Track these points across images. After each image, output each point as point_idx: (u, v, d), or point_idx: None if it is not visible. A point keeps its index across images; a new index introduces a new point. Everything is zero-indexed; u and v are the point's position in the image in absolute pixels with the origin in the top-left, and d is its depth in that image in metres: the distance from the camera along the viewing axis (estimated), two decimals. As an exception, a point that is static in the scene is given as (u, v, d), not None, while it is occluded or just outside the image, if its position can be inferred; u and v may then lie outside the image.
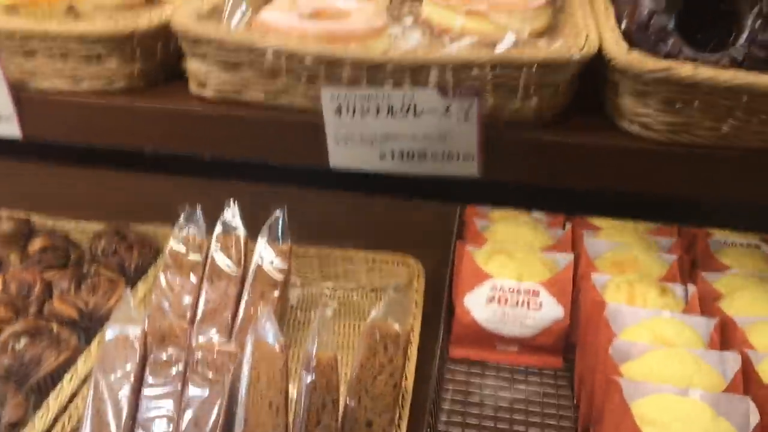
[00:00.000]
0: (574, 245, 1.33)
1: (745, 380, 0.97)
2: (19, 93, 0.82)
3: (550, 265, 1.28)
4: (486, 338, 1.24)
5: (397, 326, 1.03)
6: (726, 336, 1.07)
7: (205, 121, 0.81)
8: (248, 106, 0.80)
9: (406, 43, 0.89)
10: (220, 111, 0.80)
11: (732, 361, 0.99)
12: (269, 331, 1.01)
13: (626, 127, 0.72)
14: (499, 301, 1.23)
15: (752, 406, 0.91)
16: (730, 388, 0.96)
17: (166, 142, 0.82)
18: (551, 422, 1.13)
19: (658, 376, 0.98)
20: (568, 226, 1.38)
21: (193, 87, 0.82)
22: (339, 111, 0.76)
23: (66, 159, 0.89)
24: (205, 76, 0.81)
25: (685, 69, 0.65)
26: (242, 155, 0.82)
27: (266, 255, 1.20)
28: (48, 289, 1.24)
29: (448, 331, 1.27)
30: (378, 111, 0.75)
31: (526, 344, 1.24)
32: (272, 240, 1.21)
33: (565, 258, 1.28)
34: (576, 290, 1.24)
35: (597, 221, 1.42)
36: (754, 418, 0.89)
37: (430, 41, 0.91)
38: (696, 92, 0.67)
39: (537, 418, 1.14)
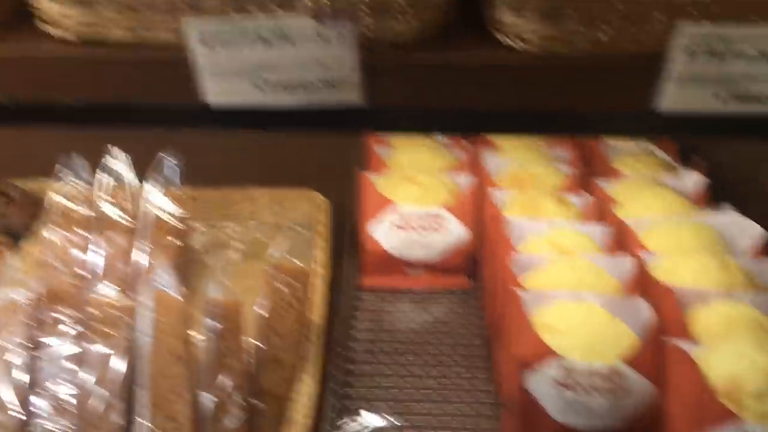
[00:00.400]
0: (475, 165, 1.34)
1: (640, 282, 1.01)
2: None
3: (452, 187, 1.28)
4: (395, 265, 1.25)
5: (299, 263, 1.01)
6: (621, 241, 1.11)
7: (66, 66, 0.74)
8: (112, 45, 0.74)
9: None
10: (80, 53, 0.74)
11: (626, 264, 1.03)
12: (168, 281, 0.98)
13: (505, 41, 0.71)
14: (404, 227, 1.23)
15: (646, 305, 0.94)
16: (625, 291, 1.00)
17: (28, 90, 0.75)
18: (463, 341, 1.16)
19: (556, 284, 1.01)
20: (468, 145, 1.38)
21: (49, 28, 0.75)
22: (206, 44, 0.71)
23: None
24: (59, 15, 0.74)
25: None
26: (114, 99, 0.76)
27: (159, 202, 1.15)
28: (-74, 257, 1.15)
29: (356, 262, 1.26)
30: (250, 41, 0.71)
31: (434, 267, 1.25)
32: (164, 185, 1.16)
33: (467, 178, 1.29)
34: (479, 209, 1.25)
35: (496, 139, 1.43)
36: (649, 316, 0.93)
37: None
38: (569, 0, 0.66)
39: (449, 338, 1.16)
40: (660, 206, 1.17)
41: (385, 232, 1.23)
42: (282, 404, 0.95)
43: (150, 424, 0.90)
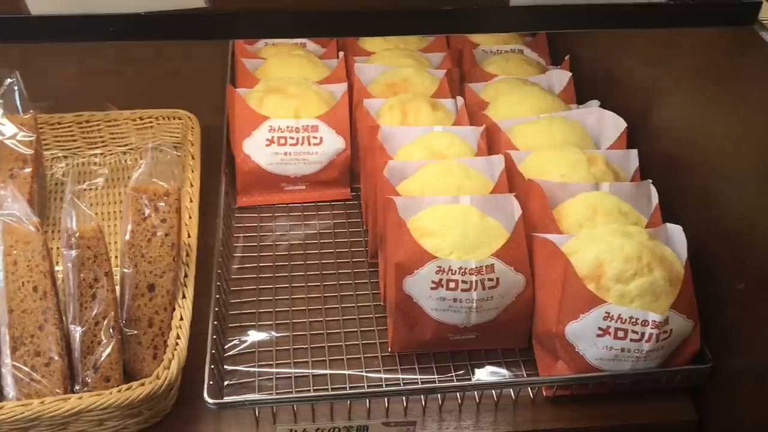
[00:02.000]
0: (348, 74, 1.30)
1: (509, 179, 1.03)
2: None
3: (326, 97, 1.25)
4: (272, 181, 1.21)
5: (164, 184, 0.96)
6: (492, 141, 1.12)
7: None
8: None
9: None
10: None
11: (497, 163, 1.04)
12: (20, 212, 0.91)
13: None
14: (278, 141, 1.19)
15: (515, 202, 0.96)
16: (495, 189, 1.01)
17: None
18: (344, 250, 1.15)
19: (431, 189, 1.01)
20: (341, 55, 1.34)
21: None
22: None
23: None
24: None
25: None
26: None
27: (6, 128, 1.06)
28: None
29: (231, 181, 1.22)
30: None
31: (312, 180, 1.22)
32: (10, 111, 1.07)
33: (340, 88, 1.25)
34: (354, 119, 1.23)
35: (369, 46, 1.39)
36: (518, 212, 0.95)
37: None
38: None
39: (330, 248, 1.16)
40: (529, 105, 1.18)
41: (259, 149, 1.19)
42: (158, 330, 0.92)
43: (16, 363, 0.85)
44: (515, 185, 1.02)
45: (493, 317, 0.94)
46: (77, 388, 0.88)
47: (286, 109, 1.21)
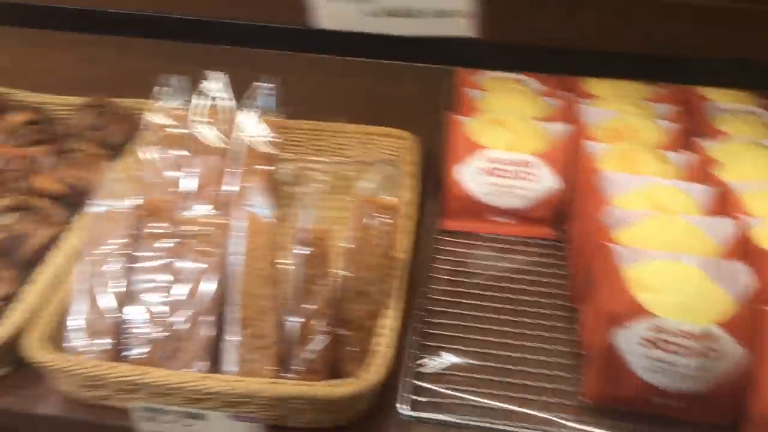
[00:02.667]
0: (570, 114, 1.30)
1: (740, 245, 0.97)
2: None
3: (545, 135, 1.25)
4: (479, 210, 1.23)
5: (390, 198, 1.01)
6: (722, 202, 1.06)
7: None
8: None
9: None
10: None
11: (727, 226, 0.99)
12: (261, 204, 1.00)
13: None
14: (492, 172, 1.21)
15: (745, 269, 0.91)
16: (724, 254, 0.96)
17: (142, 1, 0.76)
18: (544, 290, 1.14)
19: (651, 242, 0.98)
20: (564, 95, 1.34)
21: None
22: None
23: (51, 23, 0.83)
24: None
25: None
26: (221, 15, 0.77)
27: (255, 127, 1.17)
28: (31, 165, 1.20)
29: (441, 204, 1.26)
30: (368, -36, 0.69)
31: (520, 215, 1.23)
32: (261, 111, 1.17)
33: (561, 127, 1.25)
34: (572, 160, 1.22)
35: (594, 89, 1.38)
36: (748, 281, 0.90)
37: None
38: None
39: (529, 286, 1.15)
40: (765, 170, 1.11)
41: (472, 177, 1.22)
42: (365, 335, 0.97)
43: (238, 339, 0.93)
44: (745, 253, 0.96)
45: (705, 388, 0.89)
46: (287, 375, 0.94)
47: (505, 141, 1.23)
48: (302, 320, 0.94)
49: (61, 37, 0.86)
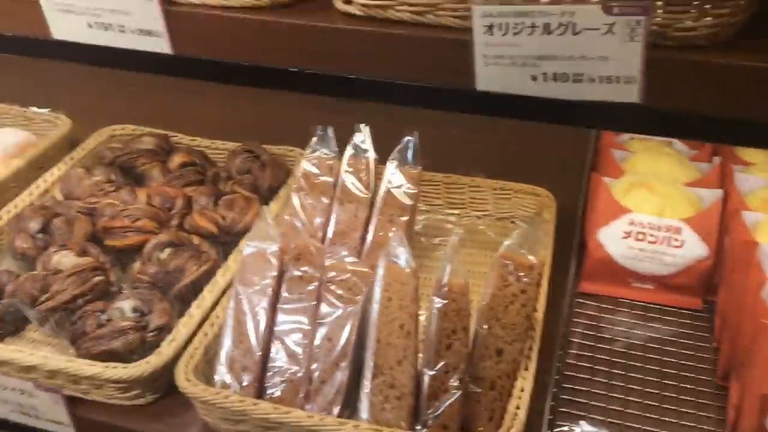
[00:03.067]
0: (722, 181, 1.24)
1: None
2: (169, 8, 0.83)
3: (694, 200, 1.20)
4: (620, 274, 1.20)
5: (531, 257, 1.00)
6: None
7: (349, 38, 0.79)
8: (394, 23, 0.78)
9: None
10: (366, 28, 0.78)
11: None
12: (401, 254, 1.01)
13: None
14: (636, 236, 1.18)
15: None
16: None
17: (311, 59, 0.81)
18: (688, 363, 1.09)
19: (816, 324, 0.91)
20: (716, 159, 1.28)
21: (338, 3, 0.81)
22: (490, 29, 0.72)
23: (208, 76, 0.90)
24: (350, -10, 0.79)
25: None
26: (384, 74, 0.80)
27: (396, 179, 1.19)
28: (188, 203, 1.29)
29: (578, 265, 1.23)
30: (533, 29, 0.71)
31: (663, 282, 1.18)
32: (403, 164, 1.20)
33: (713, 194, 1.20)
34: (723, 229, 1.16)
35: (748, 156, 1.31)
36: None
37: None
38: None
39: (672, 358, 1.10)
40: None
41: (614, 240, 1.19)
42: (497, 395, 0.95)
43: (373, 389, 0.94)
44: None
45: None
46: (418, 427, 0.94)
47: (651, 205, 1.19)
48: (436, 373, 0.94)
49: (221, 87, 0.93)
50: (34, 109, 1.60)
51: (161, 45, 0.85)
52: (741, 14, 0.70)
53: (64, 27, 0.87)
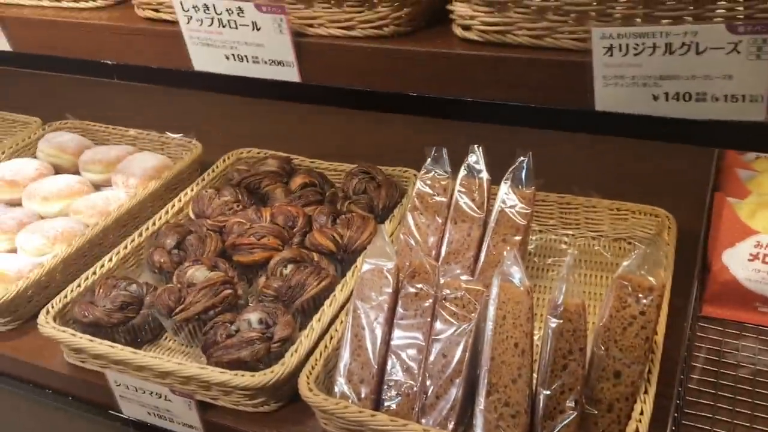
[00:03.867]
0: None
1: None
2: (299, 39, 0.88)
3: (827, 222, 1.14)
4: (745, 298, 1.15)
5: (651, 279, 0.98)
6: None
7: (469, 64, 0.82)
8: (512, 47, 0.80)
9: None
10: (485, 53, 0.81)
11: None
12: (515, 273, 1.02)
13: None
14: (763, 259, 1.13)
15: None
16: None
17: (432, 84, 0.85)
18: (821, 394, 1.03)
19: None
20: None
21: (457, 29, 0.84)
22: (610, 51, 0.73)
23: (334, 102, 0.95)
24: (470, 17, 0.82)
25: None
26: (504, 98, 0.82)
27: (509, 199, 1.21)
28: (309, 222, 1.36)
29: (700, 288, 1.19)
30: (654, 50, 0.71)
31: (792, 309, 1.13)
32: (516, 184, 1.21)
33: None
34: None
35: None
36: None
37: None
38: None
39: (803, 388, 1.04)
40: None
41: (741, 263, 1.14)
42: (615, 417, 0.94)
43: (488, 407, 0.95)
44: None
45: None
46: (533, 447, 0.94)
47: (778, 227, 1.15)
48: (551, 393, 0.94)
49: (341, 111, 0.98)
50: (169, 134, 1.72)
51: (292, 74, 0.91)
52: None
53: (204, 59, 0.95)
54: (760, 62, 0.67)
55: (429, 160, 1.28)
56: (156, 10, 1.00)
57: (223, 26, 0.89)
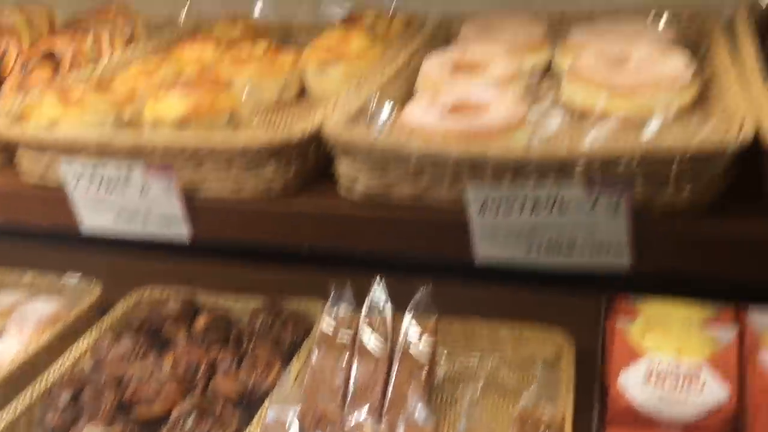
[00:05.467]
0: (738, 318, 1.24)
1: None
2: (189, 200, 0.89)
3: (711, 340, 1.20)
4: (644, 421, 1.18)
5: (548, 412, 1.01)
6: None
7: (355, 221, 0.84)
8: (395, 204, 0.83)
9: (546, 129, 0.89)
10: (369, 211, 0.83)
11: None
12: (420, 414, 1.03)
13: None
14: (656, 381, 1.17)
15: None
16: None
17: (319, 239, 0.87)
18: None
19: None
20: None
21: (342, 189, 0.86)
22: (483, 209, 0.77)
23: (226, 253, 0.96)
24: (354, 177, 0.85)
25: None
26: (390, 250, 0.85)
27: (413, 333, 1.22)
28: (212, 367, 1.32)
29: (602, 410, 1.21)
30: (522, 208, 0.75)
31: (689, 428, 1.16)
32: (419, 315, 1.23)
33: (729, 333, 1.20)
34: (743, 369, 1.15)
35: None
36: None
37: (570, 125, 0.91)
38: None
39: None
40: None
41: (636, 385, 1.18)
42: None
43: None
44: None
45: None
46: None
47: (668, 347, 1.19)
48: None
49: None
50: (68, 276, 1.66)
51: (181, 230, 0.91)
52: (719, 183, 0.74)
53: (94, 219, 0.95)
54: (618, 217, 0.73)
55: (332, 296, 1.28)
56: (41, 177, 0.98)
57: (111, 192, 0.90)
